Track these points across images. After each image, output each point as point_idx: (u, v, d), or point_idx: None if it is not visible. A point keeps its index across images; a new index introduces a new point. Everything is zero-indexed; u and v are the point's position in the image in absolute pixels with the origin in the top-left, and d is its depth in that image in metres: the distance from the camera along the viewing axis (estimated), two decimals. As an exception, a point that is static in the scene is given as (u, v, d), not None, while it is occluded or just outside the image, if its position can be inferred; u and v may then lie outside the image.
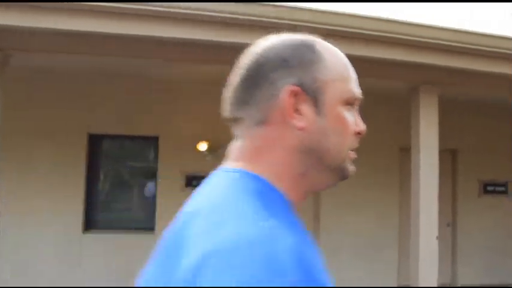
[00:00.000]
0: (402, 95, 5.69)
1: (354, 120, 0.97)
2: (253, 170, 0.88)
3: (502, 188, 8.81)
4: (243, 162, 0.91)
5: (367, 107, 6.51)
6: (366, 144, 6.52)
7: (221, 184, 0.88)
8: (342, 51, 0.96)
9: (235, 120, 0.94)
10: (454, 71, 5.05)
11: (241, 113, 0.92)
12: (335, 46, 0.96)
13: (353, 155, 1.02)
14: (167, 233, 0.92)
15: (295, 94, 0.87)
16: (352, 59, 0.97)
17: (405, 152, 6.19)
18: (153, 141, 7.49)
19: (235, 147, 0.95)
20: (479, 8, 4.88)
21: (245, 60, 0.94)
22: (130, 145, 7.90)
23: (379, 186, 8.10)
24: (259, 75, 0.89)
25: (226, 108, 0.95)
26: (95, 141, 7.37)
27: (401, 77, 5.35)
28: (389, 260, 8.12)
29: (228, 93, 0.95)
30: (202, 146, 7.35)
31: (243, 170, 0.88)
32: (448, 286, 8.19)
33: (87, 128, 7.20)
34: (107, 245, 7.17)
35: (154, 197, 7.44)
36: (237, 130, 0.95)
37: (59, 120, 7.06)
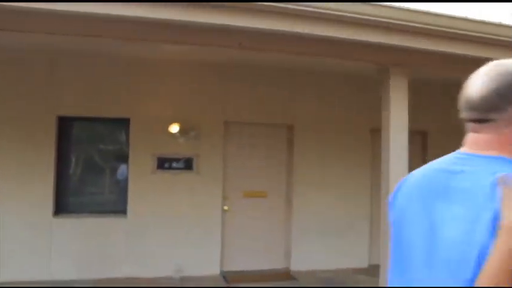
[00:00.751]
0: (374, 76, 5.73)
1: None
2: (504, 156, 1.22)
3: (470, 169, 8.98)
4: (493, 150, 1.24)
5: (339, 88, 6.59)
6: (337, 125, 6.60)
7: (486, 163, 1.22)
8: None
9: (485, 120, 1.26)
10: (424, 53, 5.09)
11: (494, 116, 1.24)
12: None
13: None
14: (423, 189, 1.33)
15: None
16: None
17: (376, 133, 6.25)
18: (124, 123, 7.40)
19: (480, 139, 1.28)
20: (478, 7, 4.94)
21: (492, 76, 1.26)
22: (101, 127, 7.79)
23: (350, 167, 8.19)
24: None
25: (472, 110, 1.28)
26: (64, 124, 7.25)
27: (371, 59, 5.38)
28: (360, 239, 8.24)
29: (474, 99, 1.27)
30: (174, 128, 7.30)
31: (499, 156, 1.22)
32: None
33: (56, 111, 7.07)
34: (78, 228, 7.10)
35: (125, 179, 7.38)
36: (481, 128, 1.27)
37: (26, 103, 6.92)
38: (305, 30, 4.42)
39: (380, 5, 4.51)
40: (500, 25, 5.04)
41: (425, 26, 4.76)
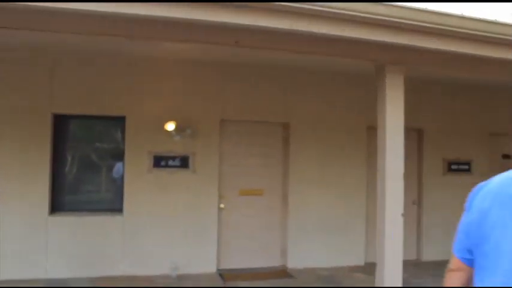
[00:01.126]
0: (371, 74, 5.73)
1: None
2: None
3: (466, 167, 9.02)
4: None
5: (337, 87, 6.60)
6: (334, 123, 6.59)
7: None
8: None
9: None
10: (420, 51, 5.08)
11: None
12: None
13: None
14: None
15: None
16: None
17: (373, 131, 6.25)
18: (119, 121, 7.38)
19: None
20: (479, 8, 4.95)
21: None
22: (97, 125, 7.77)
23: (346, 165, 8.19)
24: None
25: None
26: (60, 122, 7.23)
27: (367, 57, 5.37)
28: (356, 237, 8.25)
29: None
30: (170, 126, 7.28)
31: None
32: (414, 262, 8.38)
33: (52, 108, 7.05)
34: (74, 227, 7.08)
35: (121, 178, 7.36)
36: None
37: (22, 100, 6.89)
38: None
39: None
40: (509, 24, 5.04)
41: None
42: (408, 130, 5.75)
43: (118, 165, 7.49)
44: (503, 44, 5.05)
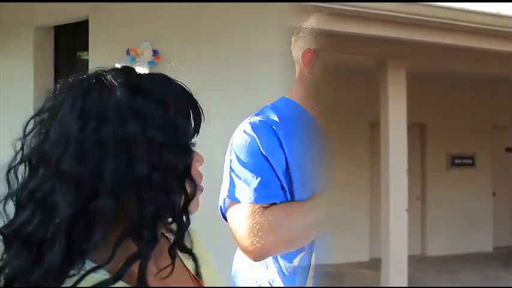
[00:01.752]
0: (372, 69, 5.71)
1: None
2: None
3: (469, 161, 8.99)
4: None
5: (338, 82, 6.46)
6: (336, 119, 6.48)
7: None
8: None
9: None
10: (422, 45, 5.08)
11: None
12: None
13: None
14: None
15: None
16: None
17: (375, 127, 6.24)
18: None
19: None
20: (479, 7, 4.97)
21: None
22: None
23: (349, 161, 8.14)
24: None
25: None
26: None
27: (369, 52, 5.36)
28: (361, 233, 8.23)
29: None
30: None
31: None
32: (418, 257, 8.37)
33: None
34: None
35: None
36: None
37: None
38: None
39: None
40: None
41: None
42: (411, 125, 5.74)
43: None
44: (506, 36, 5.04)
